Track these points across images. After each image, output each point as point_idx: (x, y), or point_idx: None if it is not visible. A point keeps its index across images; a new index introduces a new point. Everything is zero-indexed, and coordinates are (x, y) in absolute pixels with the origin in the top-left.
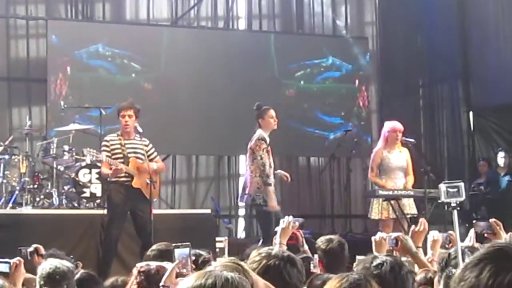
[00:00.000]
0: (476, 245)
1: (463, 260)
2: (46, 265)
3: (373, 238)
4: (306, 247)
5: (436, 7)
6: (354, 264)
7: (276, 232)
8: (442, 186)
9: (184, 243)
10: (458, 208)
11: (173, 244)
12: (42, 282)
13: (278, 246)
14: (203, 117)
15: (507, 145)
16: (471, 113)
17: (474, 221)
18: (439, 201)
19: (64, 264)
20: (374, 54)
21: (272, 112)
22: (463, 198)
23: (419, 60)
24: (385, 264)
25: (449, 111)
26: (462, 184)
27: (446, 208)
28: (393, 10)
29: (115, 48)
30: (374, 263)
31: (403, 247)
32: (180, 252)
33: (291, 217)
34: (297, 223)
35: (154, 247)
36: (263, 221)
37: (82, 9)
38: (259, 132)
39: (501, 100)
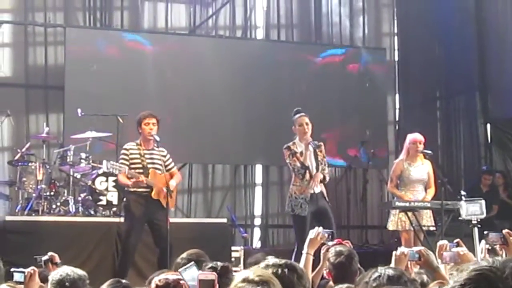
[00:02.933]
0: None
1: None
2: (57, 272)
3: (394, 252)
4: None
5: (454, 18)
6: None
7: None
8: (463, 204)
9: (187, 265)
10: (479, 226)
11: (179, 270)
12: None
13: (305, 256)
14: (219, 126)
15: None
16: (488, 125)
17: (485, 232)
18: (460, 218)
19: (75, 271)
20: (392, 65)
21: (301, 119)
22: (483, 215)
23: (437, 71)
24: (382, 275)
25: (466, 123)
26: (483, 202)
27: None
28: (411, 21)
29: (133, 56)
30: (373, 277)
31: (425, 261)
32: (191, 274)
33: (320, 228)
34: (326, 234)
35: (184, 255)
36: (295, 228)
37: (100, 17)
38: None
39: None
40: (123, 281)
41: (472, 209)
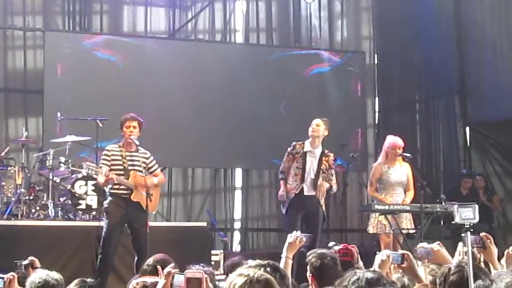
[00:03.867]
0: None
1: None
2: (34, 278)
3: (377, 256)
4: (361, 263)
5: (433, 22)
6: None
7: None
8: (456, 208)
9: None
10: (472, 230)
11: (177, 271)
12: None
13: (284, 260)
14: (199, 130)
15: (504, 160)
16: (467, 128)
17: (463, 235)
18: (453, 222)
19: (51, 276)
20: (371, 68)
21: (313, 121)
22: (476, 220)
23: (416, 74)
24: (360, 278)
25: (445, 126)
26: (476, 206)
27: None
28: (390, 25)
29: (112, 61)
30: (352, 279)
31: (409, 267)
32: (180, 279)
33: (299, 232)
34: (304, 238)
35: (150, 261)
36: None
37: (80, 21)
38: None
39: (497, 115)
40: (88, 280)
41: (466, 214)
